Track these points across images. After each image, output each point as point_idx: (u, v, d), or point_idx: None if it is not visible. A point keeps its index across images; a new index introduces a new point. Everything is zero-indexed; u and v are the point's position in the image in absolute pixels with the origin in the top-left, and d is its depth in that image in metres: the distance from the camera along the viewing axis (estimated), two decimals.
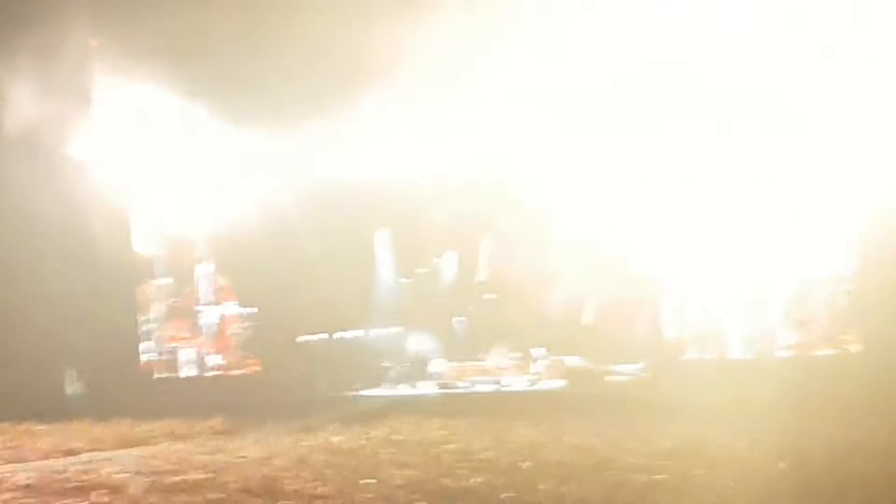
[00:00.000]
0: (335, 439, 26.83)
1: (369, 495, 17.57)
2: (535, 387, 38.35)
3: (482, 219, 40.76)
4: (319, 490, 18.61)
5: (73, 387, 44.87)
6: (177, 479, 21.41)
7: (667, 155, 34.57)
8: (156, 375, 44.70)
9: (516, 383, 38.98)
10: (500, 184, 37.69)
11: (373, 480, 19.41)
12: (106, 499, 19.40)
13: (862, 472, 17.58)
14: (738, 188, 33.74)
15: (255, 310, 43.93)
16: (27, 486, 21.90)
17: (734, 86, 32.82)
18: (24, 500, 19.84)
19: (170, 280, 44.39)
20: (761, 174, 33.32)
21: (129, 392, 41.32)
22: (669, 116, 34.07)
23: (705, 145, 33.31)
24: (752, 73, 32.68)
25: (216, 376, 43.75)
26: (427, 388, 40.01)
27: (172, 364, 44.81)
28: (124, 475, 22.24)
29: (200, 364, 44.31)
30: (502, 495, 17.15)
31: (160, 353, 44.97)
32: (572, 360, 39.38)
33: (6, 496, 20.61)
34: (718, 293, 34.93)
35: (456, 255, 43.33)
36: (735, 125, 33.00)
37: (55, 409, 37.44)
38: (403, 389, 40.35)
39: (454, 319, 43.36)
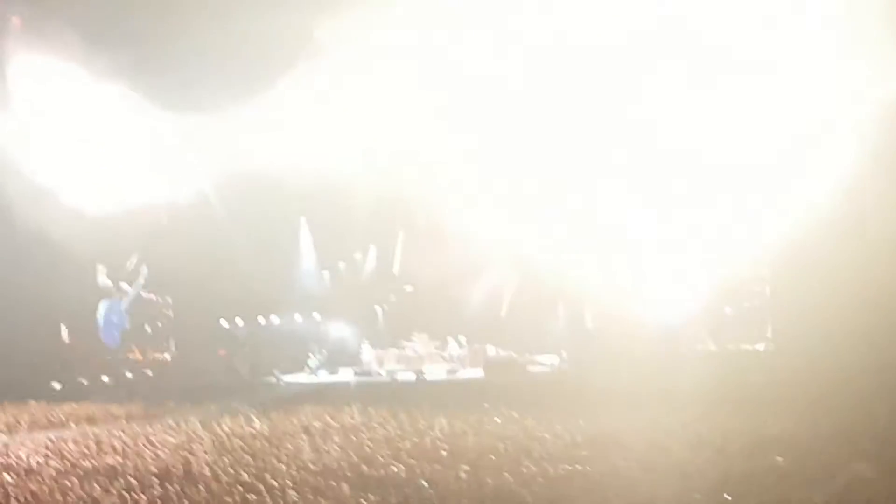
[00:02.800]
0: (255, 425, 26.76)
1: (288, 481, 17.59)
2: (455, 376, 38.44)
3: (401, 213, 40.73)
4: (238, 476, 18.61)
5: None
6: (93, 463, 21.27)
7: (588, 148, 34.76)
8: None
9: (436, 372, 39.03)
10: (419, 177, 37.70)
11: (292, 466, 19.47)
12: (20, 481, 19.22)
13: (775, 463, 17.98)
14: (665, 185, 34.02)
15: (170, 298, 43.52)
16: None
17: (659, 87, 33.16)
18: None
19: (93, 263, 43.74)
20: (687, 172, 33.63)
21: (46, 375, 40.88)
22: (589, 110, 34.29)
23: (632, 137, 33.51)
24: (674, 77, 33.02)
25: (135, 360, 43.27)
26: (347, 375, 39.94)
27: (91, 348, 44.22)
28: (39, 458, 22.05)
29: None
30: (421, 482, 17.29)
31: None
32: (492, 350, 39.56)
33: None
34: (640, 288, 35.23)
35: (376, 248, 43.31)
36: (661, 124, 33.25)
37: None
38: (323, 376, 40.25)
39: (375, 308, 43.37)
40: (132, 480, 18.36)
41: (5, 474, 19.88)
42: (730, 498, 14.74)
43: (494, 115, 34.00)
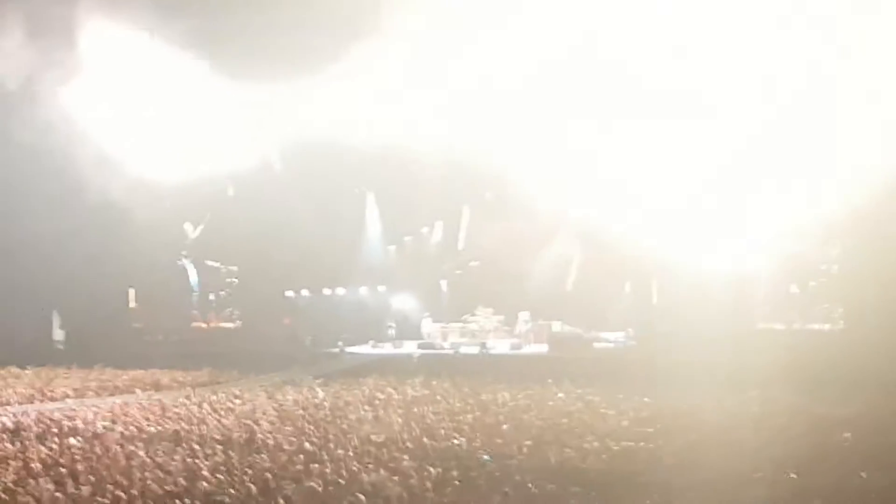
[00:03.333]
0: (318, 395, 26.89)
1: (350, 452, 17.60)
2: (519, 350, 38.28)
3: (467, 188, 40.57)
4: (300, 445, 18.67)
5: (58, 333, 44.93)
6: (157, 429, 21.46)
7: (656, 123, 34.40)
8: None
9: (500, 346, 38.90)
10: (486, 152, 37.52)
11: (354, 437, 19.48)
12: (86, 445, 19.43)
13: (840, 443, 17.70)
14: (725, 164, 33.60)
15: (235, 267, 43.76)
16: (9, 430, 21.94)
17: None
18: (6, 444, 19.86)
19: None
20: (749, 150, 33.17)
21: (113, 340, 41.41)
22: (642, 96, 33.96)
23: (699, 111, 33.10)
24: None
25: (202, 328, 43.67)
26: (411, 348, 39.95)
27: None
28: (105, 423, 22.28)
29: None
30: (483, 456, 17.23)
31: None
32: (557, 325, 39.36)
33: None
34: (706, 265, 34.84)
35: (442, 223, 43.19)
36: (720, 106, 32.84)
37: (40, 355, 37.51)
38: (388, 348, 40.27)
39: (440, 282, 43.31)
40: (196, 447, 18.50)
41: (72, 438, 20.14)
42: (795, 476, 14.51)
43: (562, 88, 33.67)
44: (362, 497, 13.71)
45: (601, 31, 32.81)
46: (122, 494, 14.43)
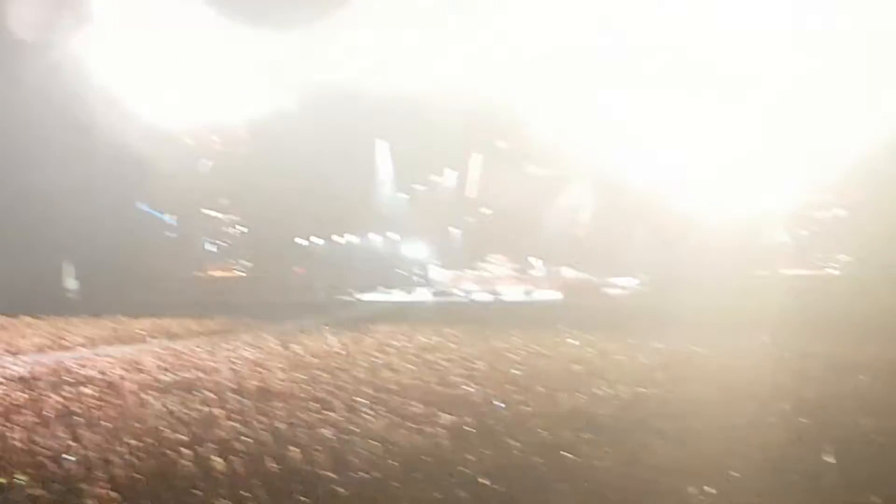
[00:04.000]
0: (331, 342, 26.97)
1: (363, 399, 17.64)
2: (532, 297, 38.30)
3: (479, 135, 40.37)
4: (313, 393, 18.71)
5: (70, 282, 45.07)
6: (171, 377, 21.53)
7: (666, 68, 34.22)
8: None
9: (513, 293, 38.90)
10: (501, 100, 37.36)
11: (367, 385, 19.53)
12: (99, 393, 19.50)
13: (853, 388, 17.67)
14: (741, 110, 33.42)
15: (237, 216, 43.69)
16: (22, 379, 22.04)
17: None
18: (19, 393, 19.94)
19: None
20: (767, 96, 32.98)
21: (125, 289, 41.52)
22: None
23: (713, 59, 32.92)
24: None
25: (213, 277, 43.74)
26: (424, 295, 39.99)
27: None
28: (119, 371, 22.37)
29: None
30: (495, 402, 17.27)
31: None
32: (569, 272, 39.34)
33: (1, 388, 20.72)
34: (718, 210, 34.69)
35: (454, 171, 42.98)
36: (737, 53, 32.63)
37: (53, 304, 37.63)
38: (400, 295, 40.32)
39: (452, 230, 43.21)
40: (209, 395, 18.55)
41: (87, 387, 20.22)
42: (807, 422, 14.49)
43: (578, 33, 33.44)
44: (376, 444, 13.74)
45: None
46: (137, 443, 14.49)
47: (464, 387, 18.68)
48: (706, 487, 11.17)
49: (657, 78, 33.93)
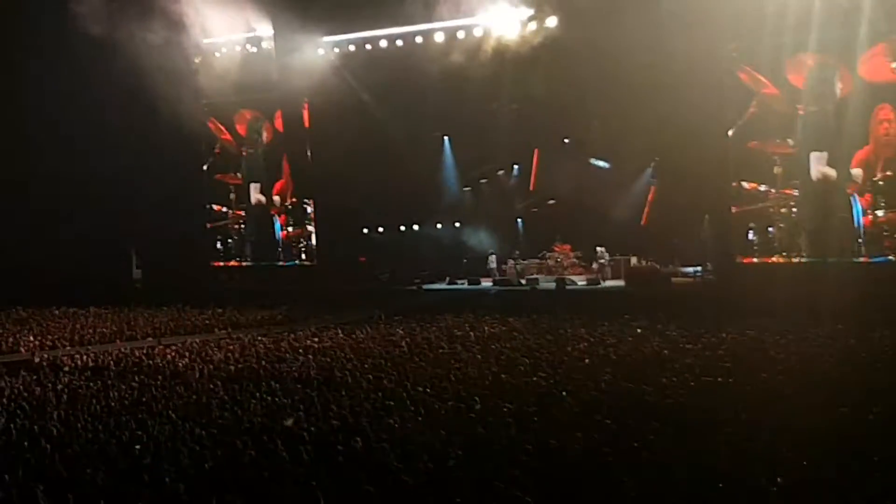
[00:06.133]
0: (395, 332, 26.96)
1: (428, 389, 17.59)
2: (596, 286, 38.00)
3: (540, 129, 40.27)
4: (378, 382, 18.71)
5: (136, 272, 45.52)
6: (236, 367, 21.64)
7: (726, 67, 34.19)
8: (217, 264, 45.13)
9: (577, 282, 38.64)
10: (558, 91, 37.36)
11: (432, 374, 19.47)
12: (167, 384, 19.67)
13: None
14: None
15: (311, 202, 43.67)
16: (90, 368, 22.29)
17: None
18: (87, 382, 20.18)
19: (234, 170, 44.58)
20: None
21: (190, 280, 41.81)
22: None
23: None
24: None
25: (278, 266, 43.84)
26: (488, 284, 39.82)
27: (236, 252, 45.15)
28: (185, 361, 22.54)
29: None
30: (562, 391, 17.12)
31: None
32: (634, 260, 39.00)
33: (69, 377, 20.97)
34: (781, 198, 34.30)
35: (517, 165, 42.72)
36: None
37: (119, 294, 38.00)
38: (465, 285, 40.17)
39: (516, 220, 42.98)
40: (274, 385, 18.62)
41: (153, 377, 20.40)
42: (878, 411, 14.21)
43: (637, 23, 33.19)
44: (442, 433, 13.70)
45: None
46: (202, 432, 14.56)
47: (529, 376, 18.59)
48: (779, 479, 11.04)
49: (728, 68, 33.88)
